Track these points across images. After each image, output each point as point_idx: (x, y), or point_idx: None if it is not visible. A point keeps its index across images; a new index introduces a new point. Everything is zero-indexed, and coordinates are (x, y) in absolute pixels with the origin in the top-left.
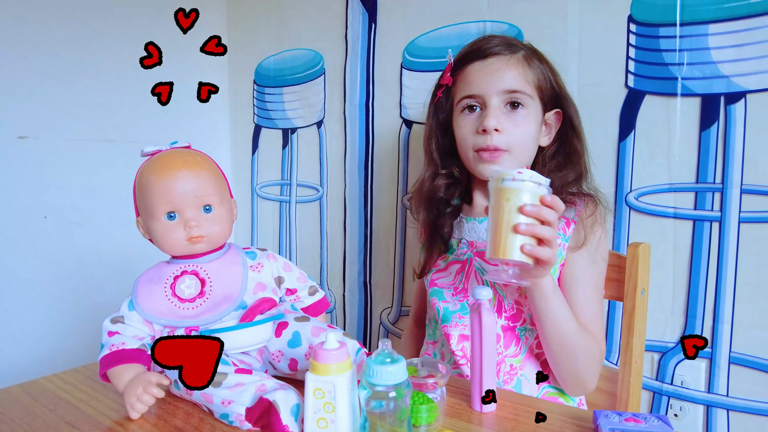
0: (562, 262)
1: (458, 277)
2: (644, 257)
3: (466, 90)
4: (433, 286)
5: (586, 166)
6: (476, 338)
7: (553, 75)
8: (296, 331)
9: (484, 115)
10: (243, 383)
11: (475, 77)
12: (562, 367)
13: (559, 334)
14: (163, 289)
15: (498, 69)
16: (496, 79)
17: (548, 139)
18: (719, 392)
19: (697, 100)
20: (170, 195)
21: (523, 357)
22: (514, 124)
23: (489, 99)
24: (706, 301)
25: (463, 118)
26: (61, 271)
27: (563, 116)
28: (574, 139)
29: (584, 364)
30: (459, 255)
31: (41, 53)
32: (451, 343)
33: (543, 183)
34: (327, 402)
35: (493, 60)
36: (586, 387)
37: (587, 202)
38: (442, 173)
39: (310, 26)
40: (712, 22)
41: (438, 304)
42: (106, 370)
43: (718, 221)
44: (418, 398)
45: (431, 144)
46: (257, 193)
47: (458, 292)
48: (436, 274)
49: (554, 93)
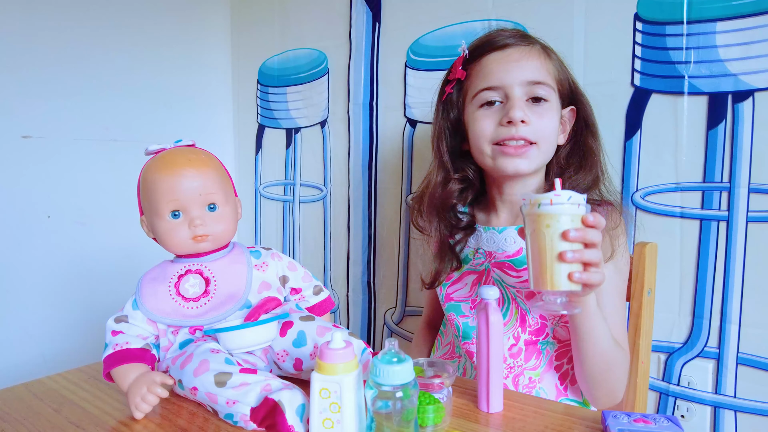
0: None
1: (474, 288)
2: (651, 257)
3: (484, 82)
4: (450, 301)
5: (602, 166)
6: (483, 338)
7: (568, 70)
8: (301, 330)
9: (509, 106)
10: (248, 383)
11: (494, 68)
12: (595, 381)
13: (600, 352)
14: (167, 288)
15: (519, 59)
16: (517, 68)
17: (563, 137)
18: (727, 393)
19: (704, 98)
20: (175, 193)
21: (543, 370)
22: (539, 116)
23: (512, 90)
24: (714, 301)
25: (480, 112)
26: (64, 271)
27: (577, 113)
28: (589, 137)
29: (617, 377)
30: (475, 265)
31: (44, 53)
32: (474, 360)
33: (581, 203)
34: (333, 402)
35: (512, 50)
36: (616, 398)
37: (610, 211)
38: (455, 177)
39: (313, 25)
40: (719, 19)
41: (457, 319)
42: (110, 370)
43: (725, 221)
44: (425, 398)
45: (441, 145)
46: (261, 193)
47: (476, 305)
48: (450, 287)
49: (570, 89)
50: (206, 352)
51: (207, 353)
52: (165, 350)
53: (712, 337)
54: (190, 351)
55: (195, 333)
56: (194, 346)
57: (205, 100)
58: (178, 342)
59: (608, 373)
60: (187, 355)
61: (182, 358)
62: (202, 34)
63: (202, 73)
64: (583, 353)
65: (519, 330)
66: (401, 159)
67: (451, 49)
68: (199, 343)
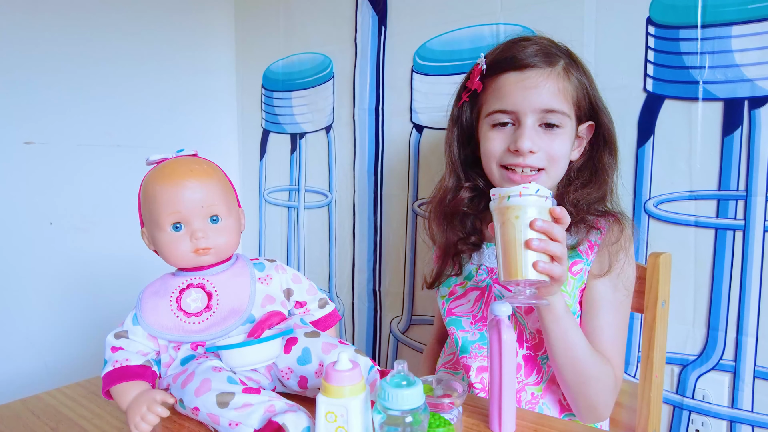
0: (583, 287)
1: (477, 304)
2: (665, 268)
3: (499, 104)
4: (451, 315)
5: (612, 185)
6: (495, 356)
7: (590, 84)
8: (306, 347)
9: (518, 135)
10: (251, 404)
11: (509, 90)
12: (573, 392)
13: (571, 357)
14: (168, 303)
15: (536, 85)
16: (533, 95)
17: (578, 152)
18: (743, 407)
19: (719, 104)
20: (176, 205)
21: (545, 386)
22: (548, 143)
23: (524, 117)
24: (729, 312)
25: (492, 132)
26: (66, 278)
27: (596, 129)
28: (605, 154)
29: (596, 391)
30: (478, 282)
31: (47, 59)
32: (470, 375)
33: (549, 195)
34: (339, 426)
35: (531, 73)
36: (600, 414)
37: (611, 224)
38: (465, 186)
39: (318, 30)
40: (735, 23)
41: (456, 333)
42: (109, 388)
43: (741, 230)
44: (435, 420)
45: (453, 152)
46: (265, 198)
47: (477, 320)
48: (453, 302)
49: (590, 106)
50: (208, 370)
51: (209, 371)
52: (166, 366)
53: (728, 350)
54: (191, 369)
55: (197, 349)
56: (196, 363)
57: (209, 104)
58: (180, 358)
59: (586, 386)
60: (188, 373)
61: (183, 377)
62: (206, 38)
63: (206, 77)
64: (557, 359)
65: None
66: (407, 165)
67: (458, 53)
68: (201, 360)
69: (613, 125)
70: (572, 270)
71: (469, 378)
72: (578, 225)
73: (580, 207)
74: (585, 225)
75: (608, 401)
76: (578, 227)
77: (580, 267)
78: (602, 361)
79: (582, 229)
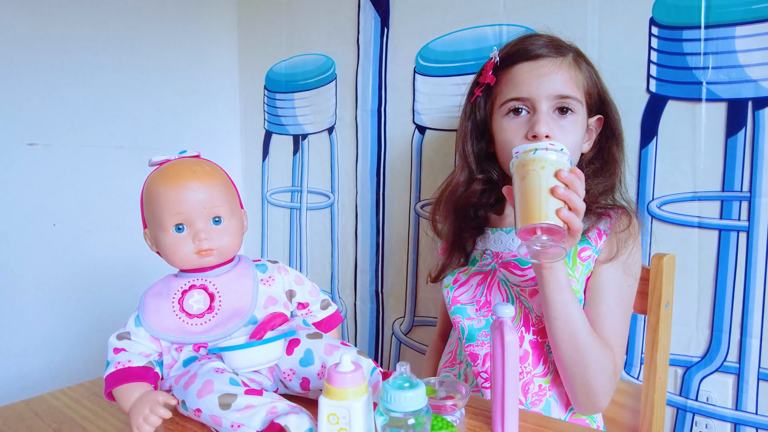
0: (589, 275)
1: (479, 288)
2: (669, 269)
3: (514, 92)
4: (456, 304)
5: (621, 177)
6: (498, 358)
7: (598, 79)
8: (308, 348)
9: (534, 120)
10: (253, 405)
11: (523, 79)
12: (571, 374)
13: (570, 332)
14: (170, 304)
15: (549, 72)
16: (546, 82)
17: (588, 145)
18: (748, 410)
19: (723, 105)
20: (179, 206)
21: (552, 377)
22: (563, 130)
23: (539, 104)
24: (733, 314)
25: (507, 120)
26: (69, 279)
27: (605, 122)
28: (614, 146)
29: (595, 374)
30: (482, 266)
31: (50, 60)
32: (477, 365)
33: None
34: (342, 428)
35: (543, 62)
36: (597, 402)
37: (620, 215)
38: (478, 178)
39: (321, 31)
40: (739, 23)
41: (462, 322)
42: (112, 389)
43: (745, 231)
44: (438, 422)
45: (466, 146)
46: (267, 199)
47: (481, 306)
48: (457, 290)
49: (600, 98)
50: (210, 371)
51: (211, 373)
52: (168, 368)
53: (732, 352)
54: (193, 370)
55: (199, 350)
56: (198, 365)
57: (212, 106)
58: (182, 360)
59: (584, 366)
60: (190, 374)
61: (186, 378)
62: (209, 40)
63: (208, 78)
64: (556, 333)
65: (523, 329)
66: (410, 166)
67: (461, 54)
68: (204, 361)
69: (620, 119)
70: (581, 255)
71: (476, 367)
72: (588, 213)
73: (591, 195)
74: (595, 213)
75: (607, 388)
76: (588, 215)
77: (588, 254)
78: (602, 344)
79: (592, 217)
